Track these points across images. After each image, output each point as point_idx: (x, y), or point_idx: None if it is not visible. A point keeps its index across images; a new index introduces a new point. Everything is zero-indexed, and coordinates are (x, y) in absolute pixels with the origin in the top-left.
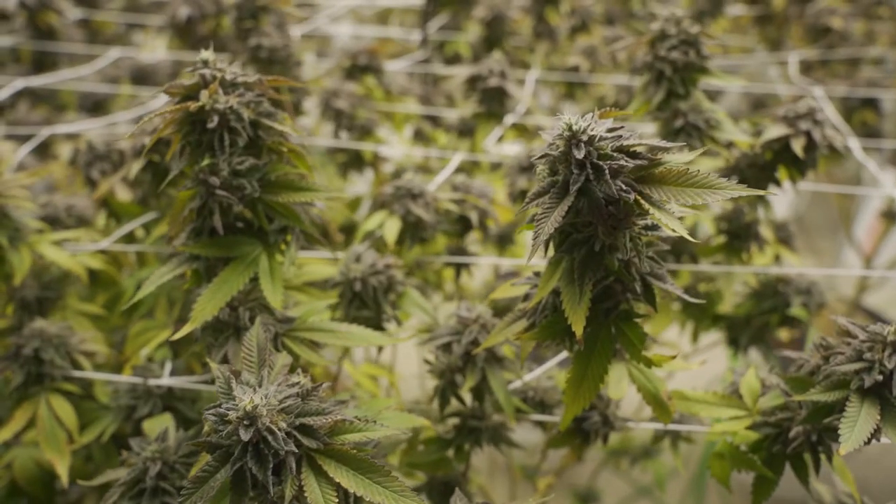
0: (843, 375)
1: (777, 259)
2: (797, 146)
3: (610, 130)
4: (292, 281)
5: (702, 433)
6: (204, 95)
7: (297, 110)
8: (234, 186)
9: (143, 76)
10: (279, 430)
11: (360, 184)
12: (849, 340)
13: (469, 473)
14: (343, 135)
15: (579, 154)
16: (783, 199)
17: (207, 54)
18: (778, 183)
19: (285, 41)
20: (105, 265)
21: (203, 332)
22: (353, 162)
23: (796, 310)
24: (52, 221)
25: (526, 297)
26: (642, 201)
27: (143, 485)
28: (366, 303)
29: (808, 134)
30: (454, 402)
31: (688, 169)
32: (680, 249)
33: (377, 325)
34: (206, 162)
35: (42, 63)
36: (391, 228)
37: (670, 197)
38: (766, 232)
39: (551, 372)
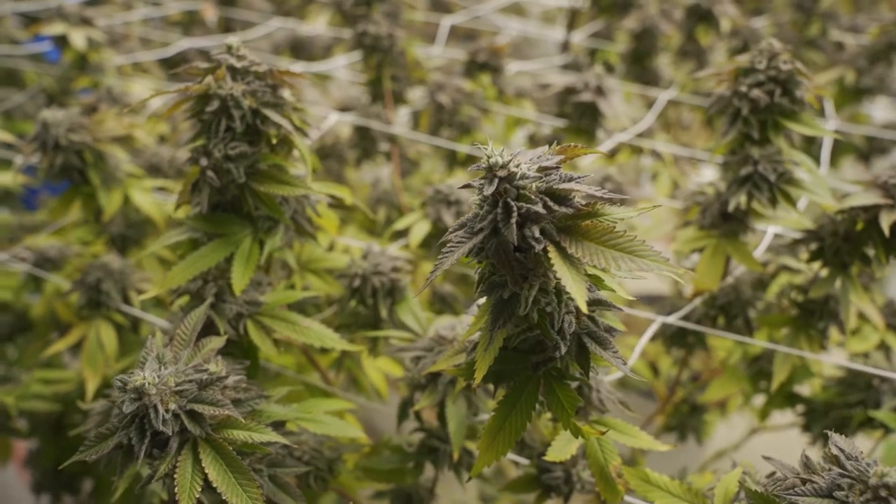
0: None
1: (886, 349)
2: (885, 221)
3: (542, 170)
4: (313, 265)
5: None
6: (209, 80)
7: (398, 100)
8: (223, 170)
9: (300, 47)
10: (166, 410)
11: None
12: (831, 468)
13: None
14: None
15: (488, 190)
16: None
17: (233, 40)
18: (867, 259)
19: (391, 30)
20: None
21: (179, 299)
22: (449, 158)
23: (885, 414)
24: (155, 170)
25: None
26: (552, 254)
27: None
28: (364, 300)
29: None
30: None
31: (614, 227)
32: (734, 312)
33: (374, 325)
34: (199, 142)
35: (228, 28)
36: (418, 231)
37: (586, 255)
38: (870, 312)
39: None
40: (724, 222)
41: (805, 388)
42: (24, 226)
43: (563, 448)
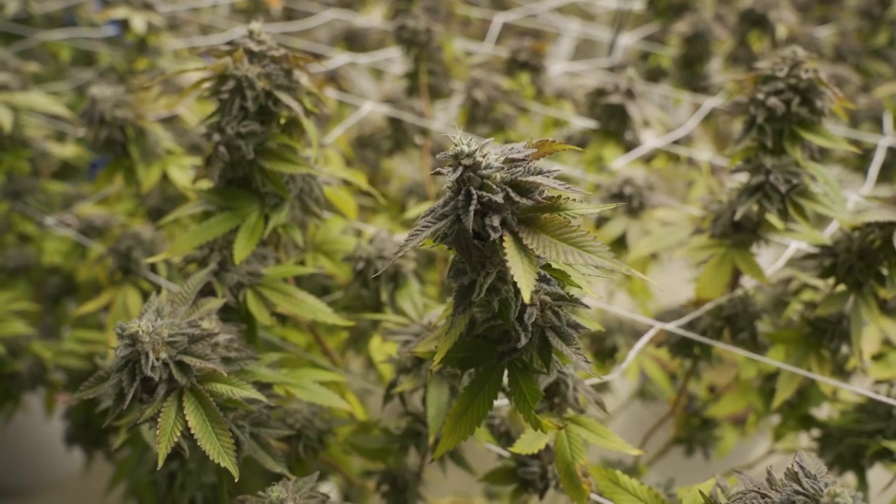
0: None
1: None
2: None
3: (509, 161)
4: (326, 246)
5: None
6: (227, 61)
7: (435, 94)
8: (234, 146)
9: (353, 38)
10: (157, 358)
11: None
12: (791, 485)
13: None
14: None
15: (452, 177)
16: None
17: (255, 25)
18: (882, 279)
19: (429, 25)
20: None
21: (188, 264)
22: None
23: None
24: (196, 149)
25: None
26: (507, 243)
27: None
28: (367, 284)
29: None
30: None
31: (569, 222)
32: (740, 325)
33: (376, 308)
34: (214, 119)
35: (289, 17)
36: None
37: (541, 247)
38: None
39: None
40: (734, 232)
41: (824, 411)
42: (81, 195)
43: (532, 441)
